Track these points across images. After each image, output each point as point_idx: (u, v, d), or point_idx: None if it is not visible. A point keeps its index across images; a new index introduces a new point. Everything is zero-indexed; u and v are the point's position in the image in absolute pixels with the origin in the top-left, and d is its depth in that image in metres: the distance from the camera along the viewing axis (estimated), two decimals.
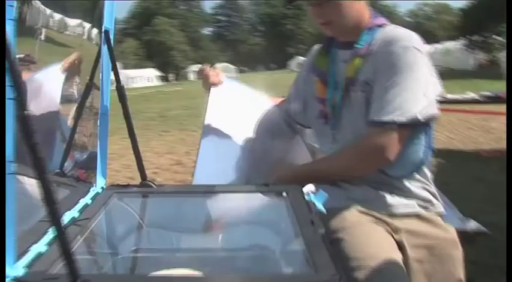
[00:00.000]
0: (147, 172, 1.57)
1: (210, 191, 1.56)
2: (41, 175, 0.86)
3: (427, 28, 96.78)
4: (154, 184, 1.55)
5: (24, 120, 0.84)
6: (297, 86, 1.98)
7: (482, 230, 2.77)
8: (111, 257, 1.39)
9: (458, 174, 5.69)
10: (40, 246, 1.10)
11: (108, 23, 1.52)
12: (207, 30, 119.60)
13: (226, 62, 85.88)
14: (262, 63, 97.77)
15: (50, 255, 1.07)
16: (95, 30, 1.55)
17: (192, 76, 71.93)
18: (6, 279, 0.94)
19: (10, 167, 0.92)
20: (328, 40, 1.80)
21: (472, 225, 2.96)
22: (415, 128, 1.57)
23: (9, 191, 0.92)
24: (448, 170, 6.08)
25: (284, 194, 1.48)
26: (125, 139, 1.56)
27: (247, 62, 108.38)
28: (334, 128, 1.72)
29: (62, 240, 0.90)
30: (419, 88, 1.52)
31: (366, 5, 1.72)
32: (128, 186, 1.57)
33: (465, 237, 2.93)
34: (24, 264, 1.01)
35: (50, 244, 1.12)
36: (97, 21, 1.51)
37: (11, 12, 0.90)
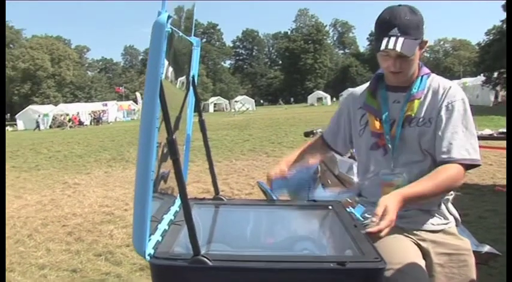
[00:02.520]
0: None
1: (270, 204, 1.97)
2: (181, 180, 1.27)
3: (446, 64, 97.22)
4: (225, 198, 1.97)
5: (172, 143, 1.26)
6: (338, 121, 2.31)
7: (494, 252, 3.12)
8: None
9: (475, 206, 6.02)
10: (157, 236, 1.50)
11: (194, 70, 1.95)
12: (227, 63, 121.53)
13: (246, 94, 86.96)
14: (280, 96, 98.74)
15: (166, 243, 1.48)
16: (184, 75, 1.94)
17: (211, 108, 72.80)
18: (146, 256, 1.34)
19: (152, 175, 1.32)
20: (375, 83, 2.15)
21: (486, 248, 3.32)
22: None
23: (149, 192, 1.33)
24: (466, 202, 6.43)
25: (330, 207, 1.89)
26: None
27: (266, 95, 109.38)
28: (394, 157, 2.05)
29: (189, 224, 1.31)
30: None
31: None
32: (204, 199, 1.98)
33: (480, 258, 3.29)
34: (152, 246, 1.41)
35: (162, 235, 1.53)
36: (186, 68, 1.93)
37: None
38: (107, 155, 15.52)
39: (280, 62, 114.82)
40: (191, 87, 1.92)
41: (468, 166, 1.93)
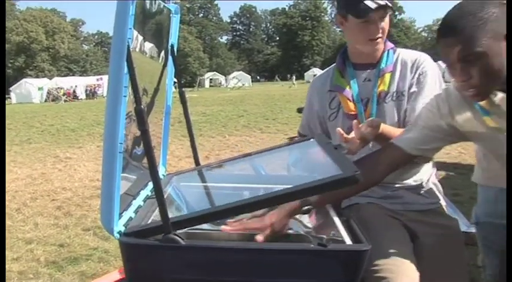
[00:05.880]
0: None
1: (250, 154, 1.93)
2: (149, 152, 1.19)
3: None
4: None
5: (140, 112, 1.17)
6: (311, 113, 2.18)
7: None
8: None
9: (467, 186, 5.96)
10: (130, 213, 1.42)
11: (173, 39, 1.85)
12: (223, 39, 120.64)
13: (242, 70, 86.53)
14: (277, 73, 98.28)
15: (138, 219, 1.41)
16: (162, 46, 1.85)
17: (207, 83, 72.48)
18: (115, 234, 1.27)
19: (120, 147, 1.24)
20: (342, 63, 2.08)
21: None
22: None
23: (118, 166, 1.25)
24: (458, 182, 6.38)
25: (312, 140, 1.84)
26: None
27: (262, 71, 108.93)
28: None
29: (160, 200, 1.23)
30: None
31: None
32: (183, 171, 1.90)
33: (471, 239, 3.24)
34: (123, 224, 1.33)
35: (136, 212, 1.45)
36: (164, 37, 1.83)
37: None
38: (100, 129, 15.36)
39: (278, 38, 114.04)
40: (170, 57, 1.82)
41: None
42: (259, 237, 1.43)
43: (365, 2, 1.84)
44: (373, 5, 1.84)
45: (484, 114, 1.51)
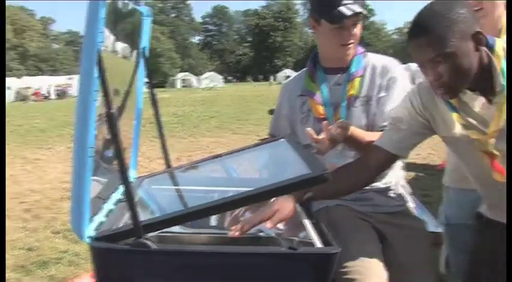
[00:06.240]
0: None
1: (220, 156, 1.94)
2: (120, 157, 1.19)
3: None
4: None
5: (111, 117, 1.16)
6: (280, 116, 2.19)
7: None
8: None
9: (436, 187, 6.05)
10: (100, 217, 1.41)
11: (144, 41, 1.85)
12: (196, 39, 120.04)
13: (214, 71, 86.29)
14: (250, 73, 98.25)
15: (109, 224, 1.40)
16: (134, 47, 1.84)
17: (179, 84, 72.03)
18: (85, 238, 1.26)
19: (90, 151, 1.23)
20: (313, 67, 2.10)
21: None
22: None
23: (88, 170, 1.24)
24: (428, 183, 6.49)
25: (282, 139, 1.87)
26: None
27: (234, 72, 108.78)
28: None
29: (130, 204, 1.23)
30: None
31: None
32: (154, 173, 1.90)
33: (440, 239, 3.30)
34: (94, 228, 1.32)
35: (107, 216, 1.45)
36: (136, 38, 1.83)
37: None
38: (70, 129, 15.12)
39: (250, 39, 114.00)
40: (141, 60, 1.82)
41: None
42: (269, 224, 1.50)
43: (339, 8, 1.87)
44: (348, 12, 1.86)
45: (452, 111, 1.56)
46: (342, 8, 1.87)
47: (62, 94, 45.58)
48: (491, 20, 2.01)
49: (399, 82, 1.97)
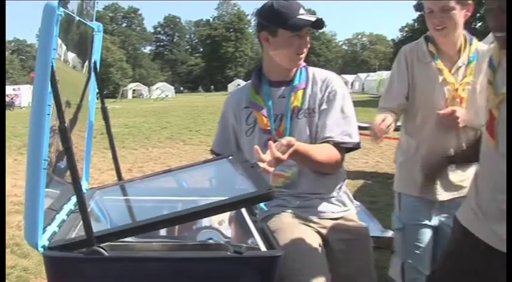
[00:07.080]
0: None
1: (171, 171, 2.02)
2: (73, 169, 1.24)
3: (363, 57, 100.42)
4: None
5: (64, 130, 1.22)
6: (225, 130, 2.26)
7: None
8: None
9: (384, 193, 6.28)
10: (53, 227, 1.45)
11: (96, 55, 1.90)
12: (147, 49, 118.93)
13: (165, 81, 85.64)
14: (201, 84, 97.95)
15: (62, 233, 1.44)
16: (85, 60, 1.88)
17: (130, 94, 71.12)
18: (39, 248, 1.30)
19: (44, 163, 1.28)
20: (258, 80, 2.18)
21: (389, 234, 3.49)
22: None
23: (42, 182, 1.28)
24: (375, 189, 6.69)
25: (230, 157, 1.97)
26: None
27: (186, 82, 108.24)
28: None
29: (83, 214, 1.28)
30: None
31: None
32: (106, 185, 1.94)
33: (384, 243, 3.44)
34: (47, 238, 1.36)
35: (59, 226, 1.49)
36: (88, 51, 1.87)
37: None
38: (17, 141, 14.74)
39: (202, 49, 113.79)
40: (93, 73, 1.87)
41: (348, 149, 2.07)
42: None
43: (299, 17, 1.96)
44: (311, 18, 1.96)
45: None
46: (304, 16, 1.97)
47: (8, 105, 44.26)
48: (451, 38, 2.32)
49: (338, 95, 2.08)
